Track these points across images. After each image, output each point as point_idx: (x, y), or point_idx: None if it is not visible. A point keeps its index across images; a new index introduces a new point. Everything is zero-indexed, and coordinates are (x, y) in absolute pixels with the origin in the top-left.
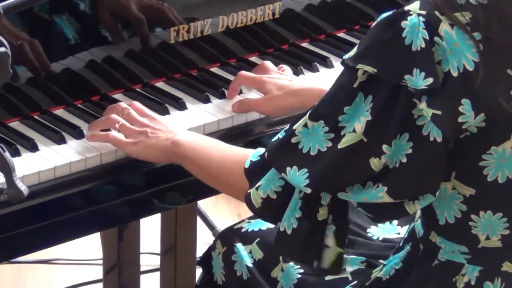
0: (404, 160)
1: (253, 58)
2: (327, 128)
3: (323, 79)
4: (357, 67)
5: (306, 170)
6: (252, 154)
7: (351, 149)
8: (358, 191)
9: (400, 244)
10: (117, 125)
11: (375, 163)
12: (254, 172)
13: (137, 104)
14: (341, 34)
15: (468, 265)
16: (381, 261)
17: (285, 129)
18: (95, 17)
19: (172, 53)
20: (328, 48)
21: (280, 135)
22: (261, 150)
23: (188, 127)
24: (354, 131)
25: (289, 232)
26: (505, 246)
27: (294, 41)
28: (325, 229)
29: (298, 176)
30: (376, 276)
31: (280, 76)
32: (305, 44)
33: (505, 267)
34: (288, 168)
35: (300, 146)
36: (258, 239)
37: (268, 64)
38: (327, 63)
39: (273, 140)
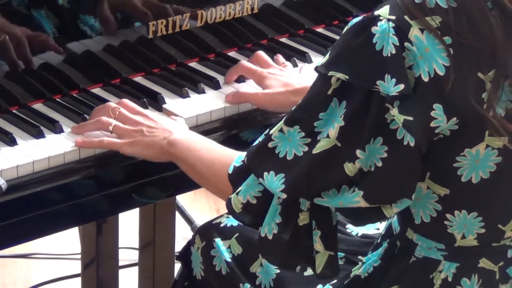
0: (380, 164)
1: (232, 53)
2: (303, 133)
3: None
4: (329, 74)
5: (283, 175)
6: (235, 159)
7: (325, 154)
8: (334, 196)
9: (378, 241)
10: (110, 128)
11: (349, 168)
12: (236, 177)
13: (127, 102)
14: (320, 30)
15: (445, 262)
16: (360, 257)
17: (264, 133)
18: (74, 12)
19: (150, 47)
20: (307, 43)
21: (260, 139)
22: (243, 155)
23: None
24: (328, 136)
25: (270, 237)
26: (482, 245)
27: (273, 36)
28: (310, 234)
29: (275, 182)
30: (355, 274)
31: (282, 73)
32: (284, 39)
33: (482, 263)
34: (265, 173)
35: (277, 151)
36: (237, 234)
37: (262, 54)
38: (305, 58)
39: (253, 144)
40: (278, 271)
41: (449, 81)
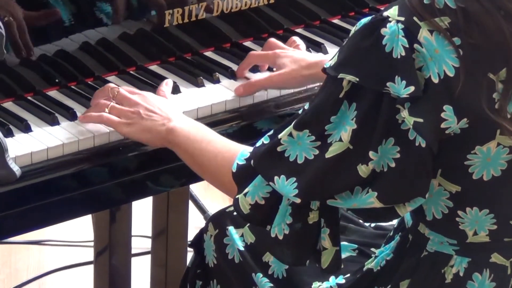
0: (393, 164)
1: (248, 43)
2: (313, 137)
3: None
4: (339, 76)
5: (294, 179)
6: (238, 156)
7: (338, 157)
8: (347, 198)
9: (391, 234)
10: (106, 109)
11: (363, 170)
12: (241, 177)
13: (125, 87)
14: (336, 21)
15: (456, 257)
16: (373, 249)
17: (268, 134)
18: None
19: (166, 36)
20: (322, 34)
21: (264, 141)
22: (246, 152)
23: (182, 111)
24: (340, 140)
25: (280, 237)
26: (493, 240)
27: (288, 27)
28: (319, 232)
29: (287, 186)
30: (367, 268)
31: (294, 51)
32: (299, 30)
33: (494, 258)
34: (276, 178)
35: (287, 154)
36: None
37: (274, 40)
38: (321, 49)
39: (257, 145)
40: None
41: (459, 82)
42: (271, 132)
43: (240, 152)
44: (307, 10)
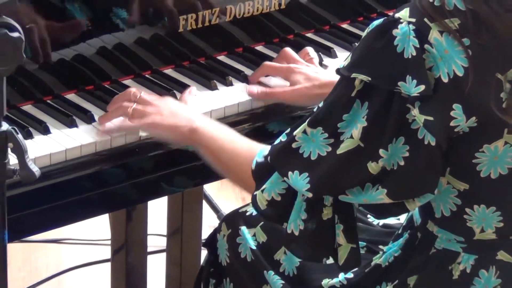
0: (402, 163)
1: (259, 47)
2: (326, 134)
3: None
4: (352, 76)
5: (307, 174)
6: (257, 154)
7: (349, 154)
8: (358, 194)
9: (399, 231)
10: (129, 110)
11: (373, 167)
12: (260, 174)
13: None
14: (345, 26)
15: (464, 254)
16: (381, 246)
17: (286, 132)
18: (107, 5)
19: (180, 41)
20: (332, 38)
21: (282, 138)
22: (265, 150)
23: None
24: (351, 137)
25: (296, 233)
26: (500, 238)
27: (299, 32)
28: (333, 228)
29: (299, 181)
30: (375, 263)
31: (307, 68)
32: (310, 35)
33: (500, 255)
34: (290, 173)
35: (301, 151)
36: (262, 222)
37: (289, 51)
38: (331, 53)
39: (275, 143)
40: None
41: (468, 82)
42: (288, 130)
43: (259, 150)
44: (317, 16)
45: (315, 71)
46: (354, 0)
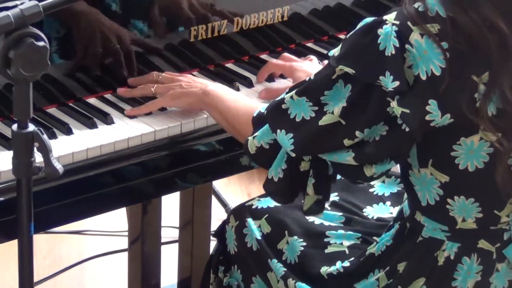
0: (378, 138)
1: (264, 56)
2: (311, 103)
3: None
4: (338, 67)
5: (291, 135)
6: (262, 106)
7: (328, 128)
8: (333, 153)
9: (391, 223)
10: (152, 89)
11: (348, 142)
12: (257, 121)
13: (168, 72)
14: (342, 36)
15: (448, 242)
16: (374, 238)
17: (286, 91)
18: (125, 17)
19: (192, 50)
20: (330, 48)
21: (279, 97)
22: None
23: (205, 116)
24: (332, 112)
25: (275, 179)
26: (480, 228)
27: (300, 41)
28: (306, 180)
29: (285, 140)
30: (370, 252)
31: (308, 64)
32: (310, 44)
33: (481, 244)
34: (278, 130)
35: (289, 112)
36: (266, 215)
37: (288, 54)
38: None
39: (273, 100)
40: (302, 248)
41: (445, 80)
42: (287, 90)
43: (262, 105)
44: (316, 27)
45: (314, 67)
46: (349, 13)
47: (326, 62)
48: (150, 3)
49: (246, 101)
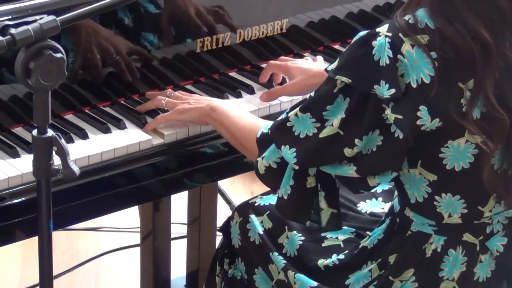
0: (375, 149)
1: (265, 65)
2: (314, 119)
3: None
4: (336, 78)
5: (295, 149)
6: (264, 126)
7: (329, 139)
8: (335, 166)
9: (383, 218)
10: (163, 102)
11: (348, 152)
12: (262, 142)
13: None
14: (337, 46)
15: (435, 235)
16: (367, 232)
17: (286, 111)
18: (136, 30)
19: (198, 60)
20: (325, 57)
21: (283, 116)
22: (270, 124)
23: None
24: (332, 125)
25: (285, 197)
26: (465, 222)
27: (298, 52)
28: (316, 195)
29: (289, 154)
30: (363, 245)
31: (302, 61)
32: (307, 54)
33: (465, 237)
34: (282, 146)
35: (293, 129)
36: (268, 211)
37: (283, 58)
38: None
39: (277, 119)
40: (301, 242)
41: (434, 87)
42: (288, 109)
43: (265, 124)
44: (313, 38)
45: (308, 63)
46: (343, 25)
47: (318, 57)
48: (160, 17)
49: (251, 118)
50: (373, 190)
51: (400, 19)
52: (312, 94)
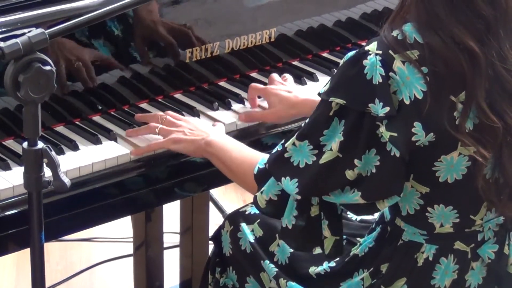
0: (374, 170)
1: (254, 74)
2: (311, 146)
3: (310, 90)
4: (329, 100)
5: (296, 180)
6: (259, 161)
7: (330, 164)
8: (338, 195)
9: (373, 226)
10: (156, 130)
11: (350, 174)
12: (260, 178)
13: (171, 112)
14: (325, 54)
15: (426, 245)
16: (358, 239)
17: (281, 143)
18: (126, 41)
19: (187, 70)
20: (314, 65)
21: (278, 148)
22: (265, 158)
23: None
24: (331, 149)
25: (290, 227)
26: (456, 231)
27: (287, 60)
28: (320, 223)
29: (290, 185)
30: (353, 253)
31: (282, 87)
32: (295, 63)
33: (457, 245)
34: (283, 178)
35: (292, 160)
36: (259, 220)
37: (274, 76)
38: (313, 78)
39: (272, 152)
40: (292, 250)
41: (427, 103)
42: (283, 141)
43: (261, 158)
44: (301, 47)
45: (288, 91)
46: (332, 33)
47: (288, 77)
48: (149, 28)
49: (249, 151)
50: None
51: (388, 35)
52: (307, 120)
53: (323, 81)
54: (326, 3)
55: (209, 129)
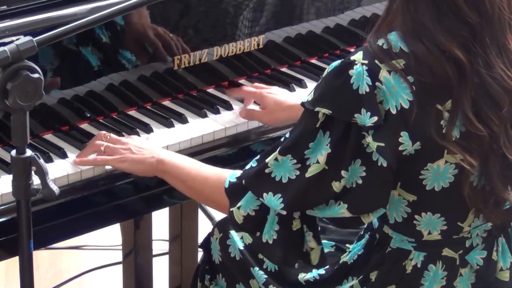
0: (360, 181)
1: (242, 81)
2: (295, 160)
3: (301, 96)
4: (315, 110)
5: (280, 195)
6: (230, 175)
7: (316, 176)
8: (323, 209)
9: (361, 233)
10: (102, 148)
11: (336, 186)
12: (233, 192)
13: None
14: (314, 61)
15: (414, 252)
16: (347, 245)
17: (256, 158)
18: (114, 48)
19: (176, 77)
20: (303, 72)
21: (252, 164)
22: (236, 173)
23: (189, 137)
24: (317, 162)
25: (270, 242)
26: (444, 238)
27: (275, 67)
28: (302, 236)
29: (273, 201)
30: (343, 261)
31: (277, 91)
32: (284, 69)
33: (445, 252)
34: (264, 194)
35: (273, 175)
36: None
37: (258, 84)
38: (302, 84)
39: (247, 168)
40: None
41: (413, 112)
42: (258, 157)
43: (230, 173)
44: (289, 53)
45: (283, 93)
46: (320, 40)
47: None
48: (137, 35)
49: (209, 168)
50: None
51: (374, 44)
52: (289, 133)
53: (312, 88)
54: (314, 10)
55: (156, 147)
